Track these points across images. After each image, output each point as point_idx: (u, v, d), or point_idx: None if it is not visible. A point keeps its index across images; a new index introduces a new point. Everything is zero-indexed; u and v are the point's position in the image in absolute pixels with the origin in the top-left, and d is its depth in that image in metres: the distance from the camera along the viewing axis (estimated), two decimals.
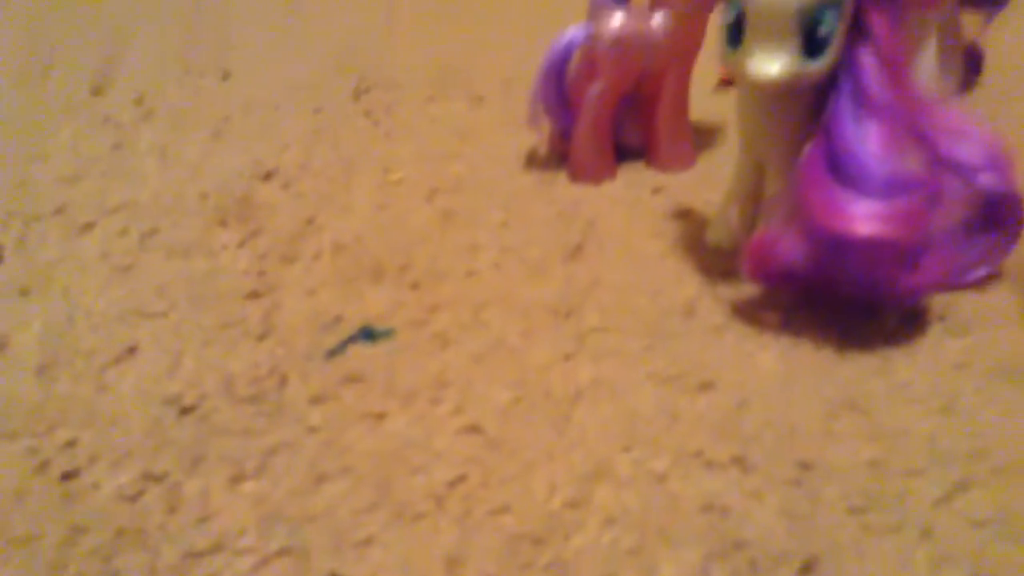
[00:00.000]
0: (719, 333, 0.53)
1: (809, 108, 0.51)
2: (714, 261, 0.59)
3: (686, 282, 0.58)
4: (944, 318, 0.53)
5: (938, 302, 0.54)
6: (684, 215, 0.65)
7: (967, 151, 0.54)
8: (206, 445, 0.46)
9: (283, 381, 0.50)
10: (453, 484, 0.43)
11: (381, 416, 0.47)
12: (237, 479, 0.43)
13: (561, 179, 0.70)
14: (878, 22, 0.50)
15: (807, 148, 0.51)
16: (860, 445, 0.45)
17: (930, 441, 0.45)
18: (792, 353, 0.51)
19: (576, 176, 0.70)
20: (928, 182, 0.50)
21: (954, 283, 0.55)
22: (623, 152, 0.72)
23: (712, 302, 0.56)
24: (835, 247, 0.49)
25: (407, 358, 0.51)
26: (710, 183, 0.68)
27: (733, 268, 0.56)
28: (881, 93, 0.50)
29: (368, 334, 0.52)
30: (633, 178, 0.71)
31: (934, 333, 0.53)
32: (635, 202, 0.68)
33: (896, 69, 0.50)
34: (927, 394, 0.48)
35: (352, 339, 0.52)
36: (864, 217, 0.48)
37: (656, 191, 0.69)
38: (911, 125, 0.51)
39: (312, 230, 0.63)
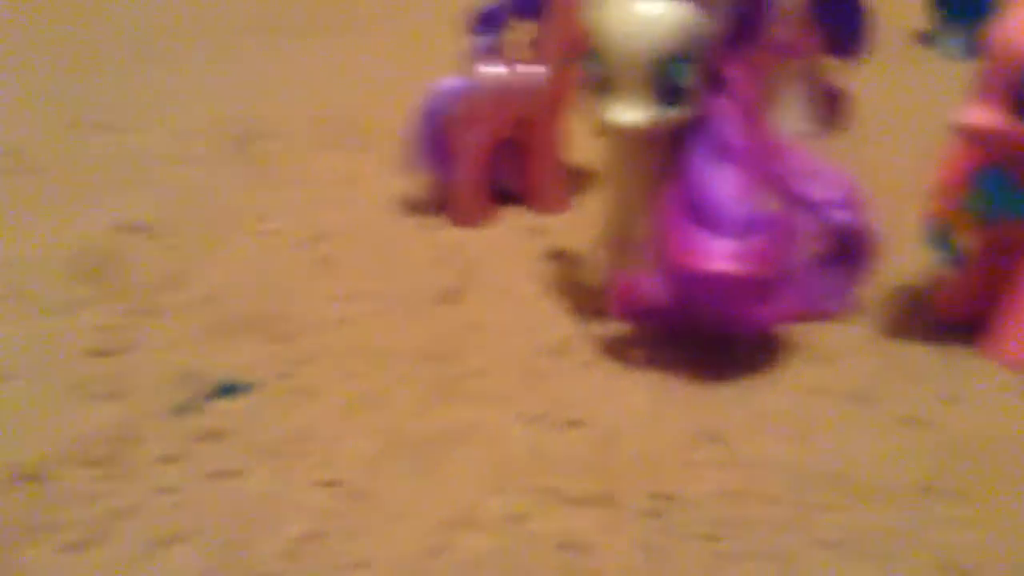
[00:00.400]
0: (589, 370, 0.54)
1: (670, 151, 0.53)
2: (588, 301, 0.60)
3: (560, 322, 0.59)
4: (803, 347, 0.55)
5: (797, 332, 0.56)
6: (561, 256, 0.66)
7: (820, 190, 0.56)
8: (44, 513, 0.43)
9: (134, 441, 0.48)
10: (309, 540, 0.42)
11: (237, 474, 0.46)
12: (74, 547, 0.41)
13: (442, 224, 0.70)
14: (734, 73, 0.52)
15: (667, 191, 0.53)
16: (719, 474, 0.46)
17: (787, 467, 0.46)
18: (658, 387, 0.52)
19: (457, 221, 0.70)
20: (781, 221, 0.52)
21: (812, 314, 0.57)
22: (503, 195, 0.74)
23: (583, 341, 0.56)
24: (694, 285, 0.51)
25: (269, 413, 0.50)
26: (586, 224, 0.69)
27: (605, 307, 0.57)
28: (737, 139, 0.52)
29: (228, 389, 0.51)
30: (512, 221, 0.72)
31: (793, 362, 0.54)
32: (514, 244, 0.68)
33: (751, 116, 0.53)
34: (785, 421, 0.49)
35: (211, 395, 0.51)
36: (720, 255, 0.50)
37: (535, 233, 0.70)
38: (766, 168, 0.53)
39: (179, 283, 0.62)
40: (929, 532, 0.42)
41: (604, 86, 0.51)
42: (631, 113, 0.50)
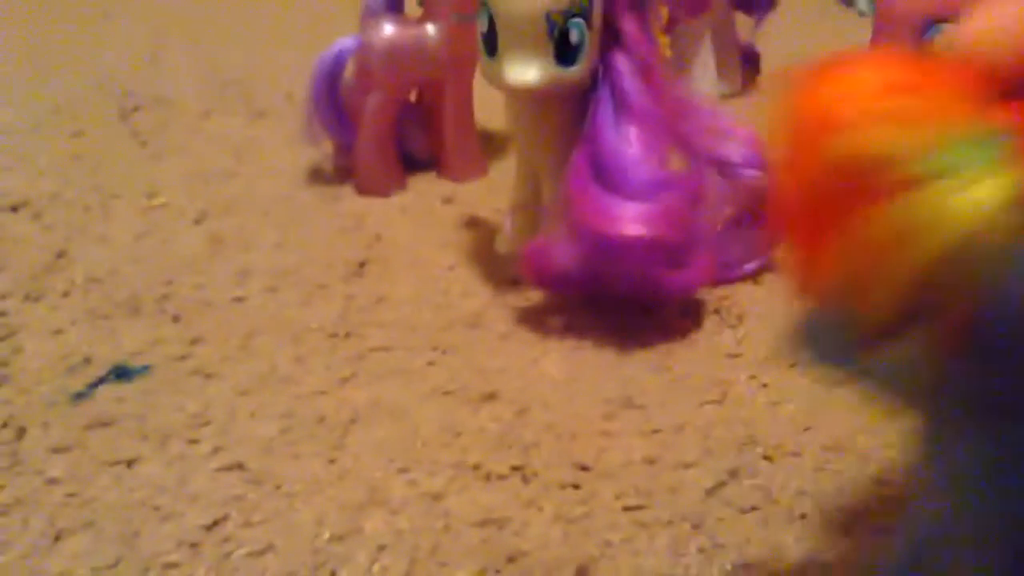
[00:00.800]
0: (504, 341, 0.52)
1: (574, 114, 0.52)
2: (503, 270, 0.58)
3: (473, 293, 0.57)
4: (720, 310, 0.55)
5: (714, 295, 0.56)
6: (474, 224, 0.64)
7: (730, 150, 0.55)
8: None
9: (21, 432, 0.44)
10: (210, 528, 0.39)
11: (131, 462, 0.42)
12: None
13: (347, 194, 0.67)
14: (629, 28, 0.51)
15: (574, 154, 0.51)
16: (636, 442, 0.45)
17: (704, 433, 0.45)
18: (574, 356, 0.51)
19: (363, 189, 0.68)
20: (689, 182, 0.51)
21: (728, 277, 0.57)
22: (414, 163, 0.71)
23: (498, 311, 0.55)
24: (603, 249, 0.49)
25: (163, 397, 0.47)
26: (502, 191, 0.67)
27: (519, 275, 0.56)
28: (638, 97, 0.51)
29: (120, 374, 0.48)
30: (423, 188, 0.69)
31: (710, 325, 0.54)
32: (424, 213, 0.66)
33: (651, 73, 0.51)
34: (703, 386, 0.49)
35: (102, 380, 0.47)
36: (627, 219, 0.48)
37: (446, 201, 0.68)
38: (671, 127, 0.52)
39: (62, 264, 0.58)
40: (844, 492, 0.42)
41: (496, 45, 0.49)
42: (527, 72, 0.48)
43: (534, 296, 0.56)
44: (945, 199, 0.22)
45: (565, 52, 0.49)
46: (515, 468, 0.43)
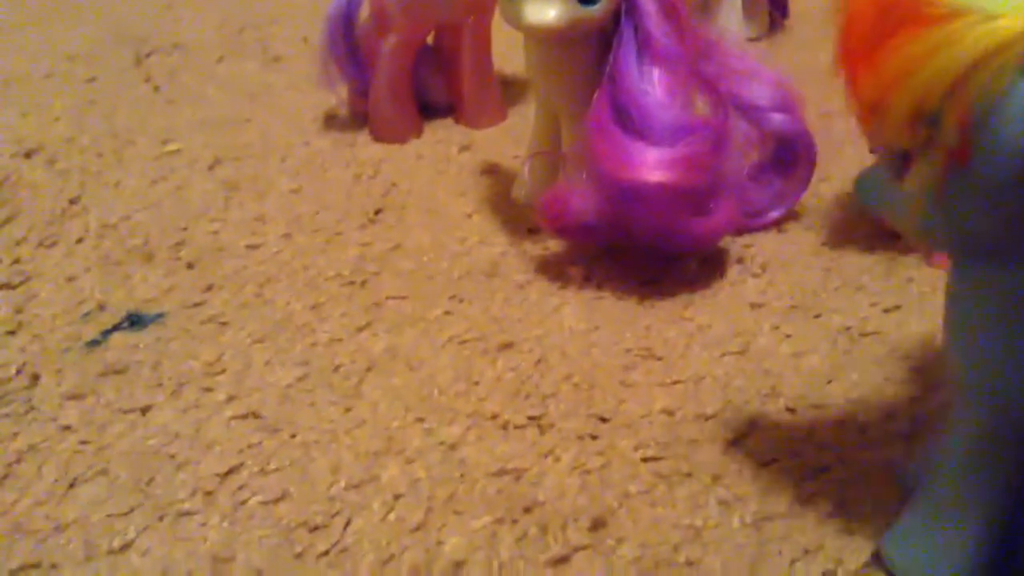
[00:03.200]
0: (522, 291, 0.51)
1: (596, 57, 0.50)
2: (521, 218, 0.57)
3: (491, 241, 0.56)
4: (742, 260, 0.53)
5: (738, 244, 0.54)
6: (492, 172, 0.63)
7: (756, 93, 0.53)
8: None
9: (34, 379, 0.44)
10: (224, 476, 0.39)
11: (145, 410, 0.42)
12: None
13: (362, 140, 0.66)
14: None
15: (596, 97, 0.49)
16: (656, 393, 0.44)
17: (724, 384, 0.44)
18: (594, 306, 0.50)
19: (378, 136, 0.66)
20: (714, 126, 0.49)
21: (752, 225, 0.55)
22: (431, 110, 0.69)
23: (516, 260, 0.54)
24: (625, 196, 0.48)
25: (178, 345, 0.46)
26: (521, 138, 0.65)
27: (538, 223, 0.54)
28: (663, 38, 0.49)
29: (135, 321, 0.47)
30: (440, 135, 0.68)
31: (733, 275, 0.52)
32: (441, 160, 0.65)
33: (676, 13, 0.49)
34: (724, 336, 0.47)
35: (116, 328, 0.47)
36: (650, 164, 0.47)
37: (464, 148, 0.66)
38: (696, 69, 0.50)
39: (76, 211, 0.57)
40: (868, 446, 0.41)
41: None
42: (548, 11, 0.46)
43: (553, 245, 0.54)
44: (966, 26, 0.25)
45: None
46: (532, 418, 0.42)
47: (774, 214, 0.56)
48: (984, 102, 0.26)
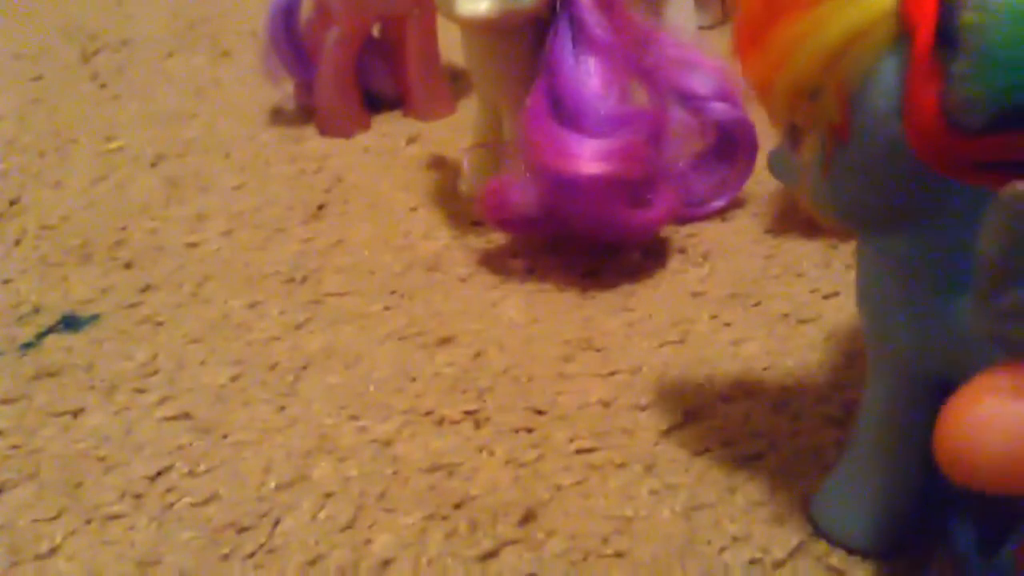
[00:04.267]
0: (464, 284, 0.51)
1: (532, 48, 0.49)
2: (465, 211, 0.57)
3: (434, 235, 0.55)
4: (685, 249, 0.53)
5: (681, 233, 0.54)
6: (438, 165, 0.63)
7: (696, 82, 0.53)
8: None
9: None
10: (153, 479, 0.39)
11: (77, 413, 0.42)
12: None
13: (309, 134, 0.66)
14: None
15: (533, 88, 0.49)
16: (593, 385, 0.44)
17: (661, 374, 0.44)
18: (535, 298, 0.50)
19: (324, 130, 0.66)
20: (651, 117, 0.49)
21: (695, 214, 0.55)
22: (379, 102, 0.69)
23: (459, 253, 0.54)
24: (562, 187, 0.48)
25: (112, 346, 0.46)
26: (470, 130, 0.65)
27: (479, 216, 0.54)
28: (598, 29, 0.48)
29: (69, 323, 0.47)
30: (388, 128, 0.67)
31: (675, 264, 0.52)
32: (388, 153, 0.64)
33: (612, 4, 0.49)
34: (663, 326, 0.48)
35: (50, 330, 0.46)
36: (586, 156, 0.47)
37: (411, 141, 0.66)
38: (634, 59, 0.50)
39: (14, 212, 0.56)
40: (800, 432, 0.41)
41: None
42: (477, 3, 0.46)
43: (496, 238, 0.54)
44: (839, 6, 0.26)
45: None
46: (468, 413, 0.42)
47: (717, 203, 0.56)
48: (857, 79, 0.27)
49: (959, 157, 0.26)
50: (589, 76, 0.48)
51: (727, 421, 0.42)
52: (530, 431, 0.41)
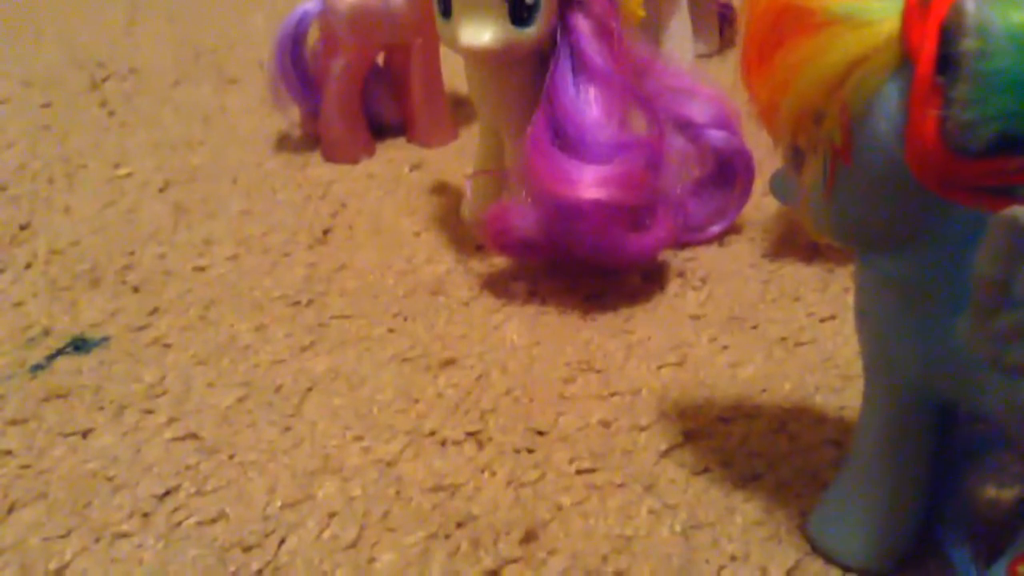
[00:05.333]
0: (466, 307, 0.52)
1: (533, 77, 0.51)
2: (468, 236, 0.58)
3: (437, 259, 0.56)
4: (684, 273, 0.54)
5: (679, 258, 0.55)
6: (442, 190, 0.64)
7: (694, 110, 0.55)
8: None
9: None
10: (161, 498, 0.39)
11: (86, 433, 0.43)
12: None
13: (314, 161, 0.67)
14: None
15: (533, 117, 0.50)
16: (593, 406, 0.44)
17: (661, 396, 0.45)
18: (536, 321, 0.51)
19: (329, 156, 0.67)
20: (650, 144, 0.50)
21: (694, 239, 0.56)
22: (383, 129, 0.70)
23: (462, 277, 0.54)
24: (563, 213, 0.49)
25: (121, 368, 0.47)
26: (472, 156, 0.66)
27: (482, 241, 0.55)
28: (597, 58, 0.50)
29: (79, 345, 0.48)
30: (392, 155, 0.69)
31: (674, 288, 0.53)
32: (392, 180, 0.65)
33: (611, 33, 0.51)
34: (663, 349, 0.48)
35: (60, 352, 0.47)
36: (586, 182, 0.48)
37: (415, 167, 0.67)
38: (631, 88, 0.51)
39: (25, 236, 0.57)
40: (798, 453, 0.42)
41: (451, 6, 0.48)
42: (483, 34, 0.47)
43: (498, 262, 0.55)
44: (842, 32, 0.27)
45: (520, 13, 0.48)
46: (470, 434, 0.43)
47: (715, 229, 0.57)
48: (860, 103, 0.28)
49: (959, 180, 0.27)
50: (589, 104, 0.49)
51: (726, 442, 0.42)
52: (531, 451, 0.42)
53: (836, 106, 0.28)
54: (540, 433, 0.43)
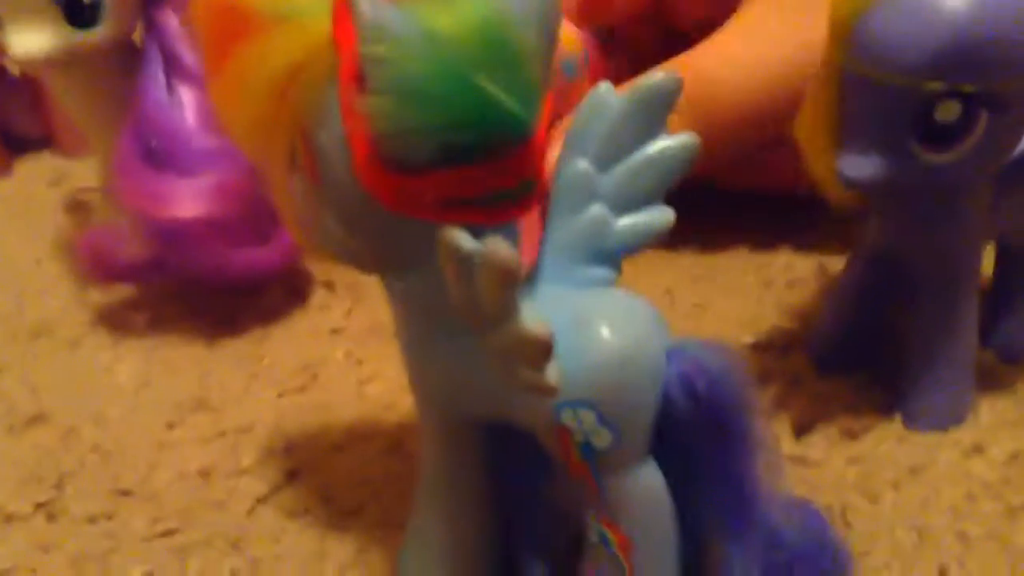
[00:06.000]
0: (73, 350, 0.46)
1: (118, 84, 0.45)
2: None
3: (52, 291, 0.50)
4: (331, 283, 0.50)
5: (327, 268, 0.50)
6: (78, 207, 0.57)
7: None
8: None
9: None
10: None
11: None
12: None
13: None
14: None
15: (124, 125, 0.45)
16: (195, 452, 0.40)
17: (273, 429, 0.41)
18: (153, 356, 0.45)
19: None
20: None
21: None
22: (23, 143, 0.62)
23: (74, 312, 0.48)
24: (162, 234, 0.44)
25: None
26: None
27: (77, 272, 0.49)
28: (191, 56, 0.45)
29: None
30: (29, 171, 0.61)
31: (318, 300, 0.49)
32: (23, 200, 0.58)
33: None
34: (291, 372, 0.44)
35: None
36: (179, 198, 0.43)
37: (54, 183, 0.60)
38: None
39: None
40: (407, 477, 0.38)
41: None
42: (30, 40, 0.41)
43: (122, 289, 0.49)
44: (281, 35, 0.24)
45: (78, 12, 0.42)
46: (41, 505, 0.37)
47: None
48: (308, 114, 0.24)
49: (409, 196, 0.24)
50: (182, 110, 0.44)
51: (333, 475, 0.39)
52: (110, 518, 0.37)
53: (286, 118, 0.25)
54: (125, 493, 0.38)
